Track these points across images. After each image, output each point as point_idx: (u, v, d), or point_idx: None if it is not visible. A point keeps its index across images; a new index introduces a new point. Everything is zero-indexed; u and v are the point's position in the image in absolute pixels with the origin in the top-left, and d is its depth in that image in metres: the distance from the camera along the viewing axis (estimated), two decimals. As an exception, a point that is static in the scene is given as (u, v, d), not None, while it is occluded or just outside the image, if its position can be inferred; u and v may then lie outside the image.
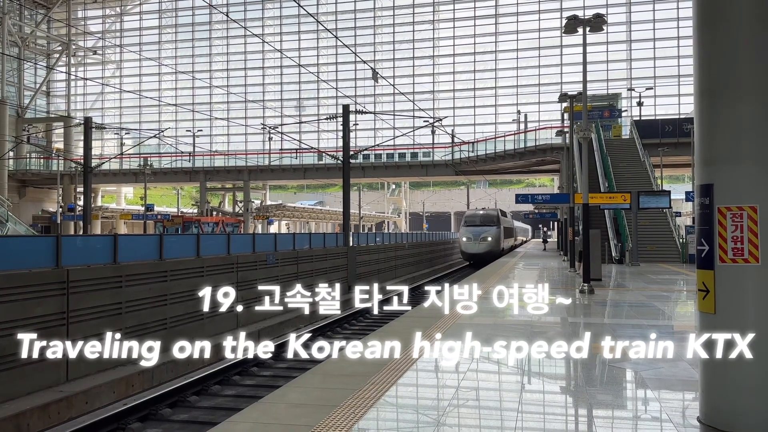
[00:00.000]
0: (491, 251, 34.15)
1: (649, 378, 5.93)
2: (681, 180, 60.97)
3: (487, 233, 35.10)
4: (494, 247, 34.83)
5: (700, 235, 4.50)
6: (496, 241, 35.22)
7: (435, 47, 59.92)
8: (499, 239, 35.53)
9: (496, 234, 35.45)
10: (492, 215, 37.50)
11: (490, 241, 34.92)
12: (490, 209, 41.79)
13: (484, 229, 35.48)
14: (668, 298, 13.45)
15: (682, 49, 51.66)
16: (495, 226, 35.88)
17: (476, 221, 36.65)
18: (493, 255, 33.21)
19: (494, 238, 35.15)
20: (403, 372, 5.99)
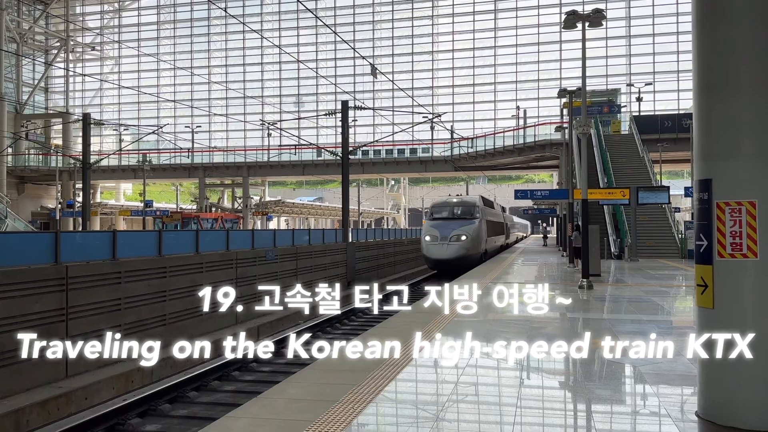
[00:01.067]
0: (467, 256, 23.94)
1: (648, 373, 5.94)
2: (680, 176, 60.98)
3: (460, 230, 24.31)
4: (471, 249, 24.32)
5: (699, 230, 4.50)
6: (473, 241, 24.45)
7: (434, 43, 59.82)
8: (478, 239, 24.93)
9: (475, 231, 24.72)
10: (469, 204, 26.54)
11: (465, 242, 24.02)
12: (468, 197, 30.31)
13: (456, 224, 24.84)
14: (667, 293, 13.46)
15: (682, 45, 51.60)
16: (473, 221, 25.24)
17: (446, 213, 26.11)
18: (470, 261, 23.84)
19: (471, 238, 24.30)
20: (403, 367, 6.00)
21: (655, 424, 4.66)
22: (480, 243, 25.14)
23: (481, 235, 25.36)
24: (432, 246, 24.36)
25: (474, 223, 24.94)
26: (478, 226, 25.12)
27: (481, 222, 25.50)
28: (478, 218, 25.43)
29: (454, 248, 23.75)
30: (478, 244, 24.87)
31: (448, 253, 23.68)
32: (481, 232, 25.39)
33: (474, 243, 24.41)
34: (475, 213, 25.66)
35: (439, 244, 24.08)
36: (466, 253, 23.85)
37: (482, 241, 25.47)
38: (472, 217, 25.33)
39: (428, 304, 10.58)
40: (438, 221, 25.45)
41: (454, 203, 26.93)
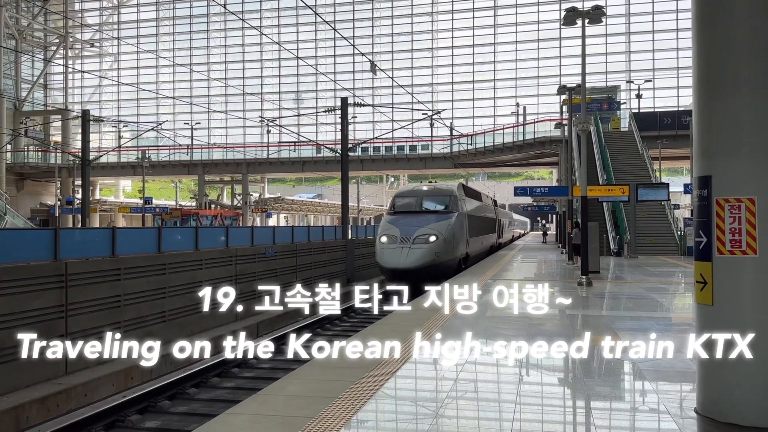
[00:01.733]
0: (436, 264, 17.50)
1: (647, 370, 5.95)
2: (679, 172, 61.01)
3: (428, 229, 18.01)
4: (444, 254, 17.85)
5: (699, 227, 4.51)
6: (447, 243, 18.03)
7: (434, 39, 59.75)
8: (454, 240, 18.54)
9: (449, 230, 18.36)
10: (444, 194, 20.16)
11: (434, 245, 17.60)
12: (444, 184, 22.76)
13: (424, 220, 18.60)
14: (666, 290, 13.48)
15: (681, 41, 51.56)
16: (448, 215, 18.94)
17: (412, 205, 19.73)
18: (441, 270, 17.35)
19: (444, 239, 17.91)
20: (402, 364, 6.00)
21: (654, 420, 4.67)
22: (457, 245, 18.50)
23: (459, 234, 18.78)
24: (388, 250, 17.39)
25: (449, 219, 18.41)
26: (456, 222, 18.54)
27: (459, 217, 19.04)
28: (456, 213, 18.93)
29: (418, 254, 17.00)
30: (453, 246, 18.21)
31: (409, 260, 16.82)
32: (459, 230, 18.81)
33: (448, 246, 17.75)
34: (451, 205, 19.22)
35: (397, 248, 17.21)
36: (434, 260, 17.07)
37: (460, 242, 18.86)
38: (446, 211, 18.86)
39: (428, 303, 10.59)
40: (400, 216, 18.83)
41: (424, 192, 20.15)
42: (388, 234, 18.01)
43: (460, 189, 21.24)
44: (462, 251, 19.31)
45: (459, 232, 18.95)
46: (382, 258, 17.63)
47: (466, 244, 19.90)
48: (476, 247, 22.26)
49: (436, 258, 17.26)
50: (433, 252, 17.24)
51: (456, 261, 18.71)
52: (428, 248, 17.20)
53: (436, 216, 18.67)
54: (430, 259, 17.10)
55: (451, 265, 18.25)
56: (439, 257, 17.40)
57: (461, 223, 19.34)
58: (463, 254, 19.43)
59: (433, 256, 17.16)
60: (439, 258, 17.42)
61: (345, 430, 4.16)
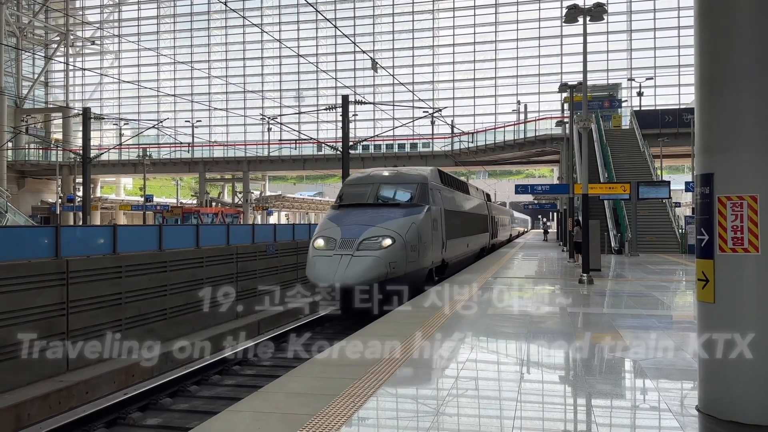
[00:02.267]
0: (392, 278, 11.97)
1: (648, 367, 5.95)
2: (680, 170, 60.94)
3: (380, 229, 12.55)
4: (402, 265, 12.39)
5: (700, 225, 4.50)
6: (409, 250, 12.70)
7: (434, 37, 59.69)
8: (421, 244, 13.25)
9: (412, 230, 12.94)
10: (409, 181, 14.76)
11: (388, 253, 12.09)
12: (412, 169, 16.69)
13: (378, 216, 13.13)
14: (667, 288, 13.47)
15: (683, 39, 51.50)
16: (414, 210, 13.71)
17: (366, 195, 14.36)
18: (401, 285, 11.78)
19: (404, 244, 12.50)
20: (403, 362, 6.00)
21: (655, 418, 4.66)
22: (426, 250, 13.37)
23: (430, 235, 13.71)
24: (321, 260, 12.01)
25: (415, 215, 13.18)
26: (424, 219, 13.43)
27: (431, 213, 13.91)
28: (425, 206, 13.71)
29: (363, 265, 11.69)
30: (420, 253, 12.99)
31: (349, 274, 11.53)
32: (431, 230, 13.79)
33: (410, 252, 12.52)
34: (419, 196, 13.88)
35: (335, 256, 11.87)
36: (388, 273, 11.81)
37: (432, 246, 13.84)
38: (412, 204, 13.57)
39: (428, 302, 10.59)
40: (348, 211, 13.42)
41: (382, 179, 14.69)
42: (326, 236, 12.33)
43: (435, 176, 15.78)
44: (434, 258, 14.04)
45: (430, 233, 13.54)
46: (312, 270, 11.87)
47: (442, 248, 14.63)
48: (459, 251, 17.19)
49: (391, 270, 11.71)
50: (386, 262, 11.65)
51: (424, 272, 13.37)
52: (379, 256, 11.65)
53: (397, 210, 13.06)
54: (381, 272, 11.52)
55: (416, 279, 12.83)
56: (396, 269, 11.85)
57: (434, 220, 13.95)
58: (436, 262, 14.25)
59: (384, 268, 11.60)
60: (396, 270, 11.86)
61: (346, 427, 4.16)
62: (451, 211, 16.57)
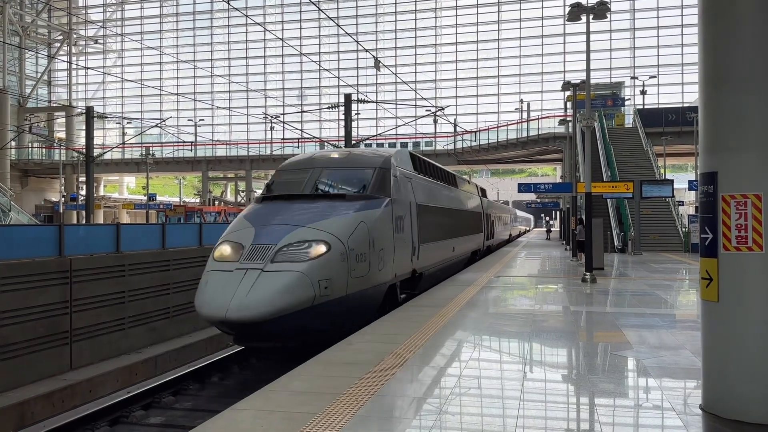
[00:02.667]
0: (323, 306, 7.89)
1: (652, 366, 5.94)
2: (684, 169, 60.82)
3: (309, 232, 8.33)
4: (341, 284, 8.24)
5: (704, 224, 4.49)
6: (353, 261, 8.54)
7: (437, 35, 59.65)
8: (373, 252, 9.12)
9: (359, 233, 8.83)
10: (364, 164, 10.55)
11: (316, 266, 7.92)
12: (370, 151, 12.87)
13: (310, 214, 8.82)
14: (671, 286, 13.44)
15: (686, 37, 51.39)
16: (368, 205, 9.47)
17: (300, 185, 9.95)
18: (335, 317, 8.24)
19: (344, 253, 8.37)
20: (406, 360, 6.00)
21: (658, 417, 4.65)
22: (381, 261, 9.60)
23: (386, 239, 9.87)
24: (216, 278, 8.03)
25: (366, 211, 9.45)
26: (378, 218, 9.68)
27: (390, 208, 10.11)
28: (383, 200, 10.02)
29: (274, 287, 7.64)
30: (373, 264, 9.28)
31: (250, 301, 7.49)
32: (392, 231, 10.12)
33: (349, 265, 8.56)
34: (376, 186, 10.15)
35: (236, 271, 7.93)
36: (314, 298, 7.88)
37: (390, 254, 9.99)
38: (363, 197, 9.79)
39: (431, 301, 10.58)
40: (273, 206, 9.57)
41: (327, 161, 10.92)
42: (231, 241, 8.57)
43: (404, 160, 11.96)
44: (400, 269, 10.30)
45: (390, 235, 9.82)
46: (200, 296, 7.96)
47: (413, 255, 11.06)
48: (438, 257, 13.66)
49: (322, 292, 7.94)
50: (313, 280, 7.87)
51: (380, 290, 9.46)
52: (303, 271, 7.84)
53: (342, 205, 9.22)
54: (304, 297, 7.74)
55: (367, 302, 9.06)
56: (332, 289, 8.12)
57: (398, 218, 10.27)
58: (403, 273, 10.53)
59: (309, 290, 7.80)
60: (332, 291, 8.11)
61: (349, 426, 4.16)
62: (428, 206, 12.80)
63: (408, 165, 12.23)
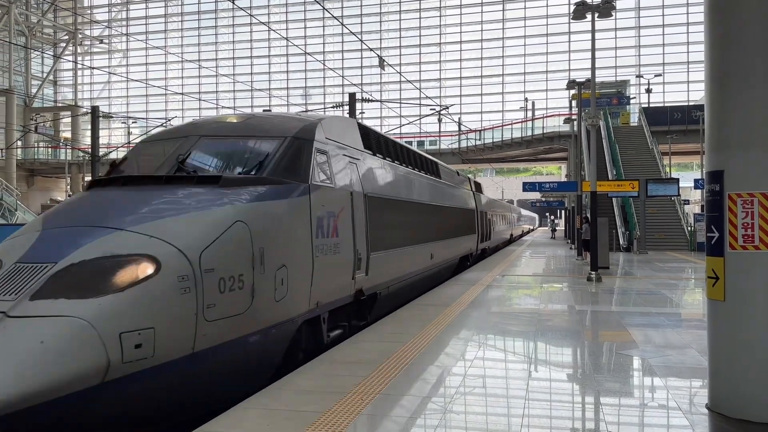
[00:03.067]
0: (136, 373, 4.22)
1: (657, 365, 5.93)
2: (689, 168, 60.60)
3: (127, 241, 4.66)
4: (186, 332, 4.60)
5: (710, 222, 4.47)
6: (203, 295, 4.72)
7: (442, 34, 59.59)
8: (264, 275, 5.44)
9: (234, 242, 5.18)
10: (265, 132, 6.78)
11: (123, 307, 4.24)
12: (278, 116, 8.05)
13: (143, 209, 5.13)
14: (676, 285, 13.40)
15: (692, 35, 51.21)
16: (252, 193, 5.71)
17: (164, 161, 6.22)
18: (175, 386, 4.55)
19: (184, 279, 4.61)
20: (411, 359, 6.00)
21: (664, 416, 4.65)
22: (267, 291, 5.54)
23: (299, 248, 6.23)
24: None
25: (254, 204, 5.68)
26: (275, 217, 5.89)
27: (305, 201, 6.39)
28: (294, 186, 6.31)
29: (18, 353, 3.83)
30: (250, 298, 5.27)
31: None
32: (295, 236, 6.17)
33: (206, 298, 4.77)
34: (281, 165, 6.33)
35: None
36: (107, 367, 4.07)
37: (305, 271, 6.32)
38: (255, 180, 5.94)
39: (436, 300, 10.58)
40: (104, 194, 5.71)
41: (212, 129, 6.91)
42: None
43: (340, 131, 8.42)
44: (327, 294, 6.98)
45: (303, 243, 6.36)
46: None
47: (356, 270, 7.93)
48: (405, 269, 10.60)
49: (128, 357, 4.23)
50: (107, 334, 4.14)
51: (280, 335, 5.92)
52: (83, 319, 4.10)
53: (207, 193, 5.54)
54: (83, 368, 4.00)
55: (252, 359, 5.53)
56: (153, 348, 4.39)
57: (324, 215, 6.90)
58: (335, 298, 7.29)
59: (94, 354, 4.06)
60: (154, 351, 4.40)
61: (355, 424, 4.17)
62: (388, 199, 9.64)
63: (353, 139, 8.67)
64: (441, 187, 14.75)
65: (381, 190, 9.31)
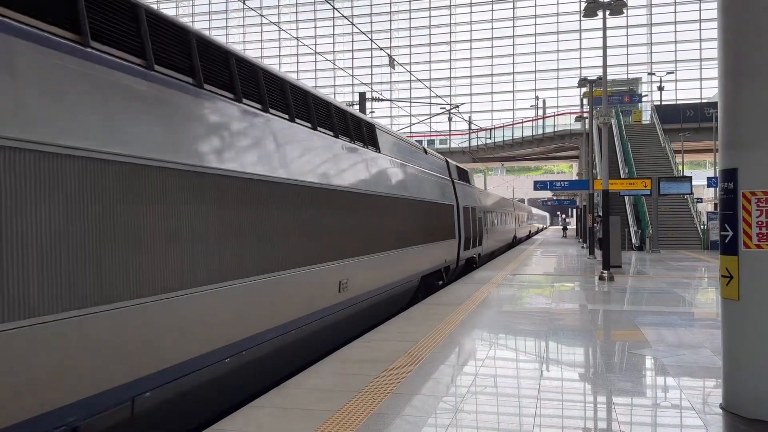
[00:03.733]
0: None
1: (671, 365, 5.89)
2: (702, 166, 60.14)
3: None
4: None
5: (724, 221, 4.44)
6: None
7: (452, 33, 59.50)
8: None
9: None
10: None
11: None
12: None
13: None
14: (689, 285, 13.31)
15: (705, 32, 50.80)
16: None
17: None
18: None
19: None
20: (422, 358, 6.01)
21: (678, 416, 4.62)
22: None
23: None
24: None
25: None
26: None
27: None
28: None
29: None
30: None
31: None
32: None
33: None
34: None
35: None
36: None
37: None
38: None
39: (447, 297, 10.58)
40: None
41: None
42: None
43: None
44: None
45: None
46: None
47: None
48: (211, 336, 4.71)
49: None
50: None
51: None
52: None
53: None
54: None
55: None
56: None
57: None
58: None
59: None
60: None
61: (367, 423, 4.18)
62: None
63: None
64: (373, 161, 9.31)
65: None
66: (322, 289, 6.65)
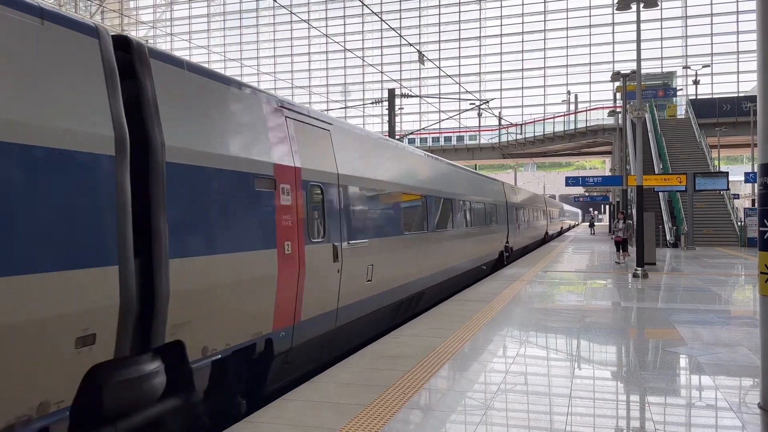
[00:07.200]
0: None
1: (707, 363, 5.77)
2: (739, 161, 58.66)
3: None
4: None
5: (763, 216, 4.33)
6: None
7: (481, 28, 59.06)
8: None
9: None
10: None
11: None
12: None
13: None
14: (726, 282, 13.00)
15: (742, 24, 49.49)
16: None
17: None
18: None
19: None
20: (452, 355, 6.00)
21: (714, 416, 4.52)
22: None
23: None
24: None
25: None
26: None
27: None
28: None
29: None
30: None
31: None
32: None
33: None
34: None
35: None
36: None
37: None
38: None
39: (477, 294, 10.53)
40: None
41: None
42: None
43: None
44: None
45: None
46: None
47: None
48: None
49: None
50: None
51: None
52: None
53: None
54: None
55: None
56: None
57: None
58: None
59: None
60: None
61: (397, 419, 4.19)
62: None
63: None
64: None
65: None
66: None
